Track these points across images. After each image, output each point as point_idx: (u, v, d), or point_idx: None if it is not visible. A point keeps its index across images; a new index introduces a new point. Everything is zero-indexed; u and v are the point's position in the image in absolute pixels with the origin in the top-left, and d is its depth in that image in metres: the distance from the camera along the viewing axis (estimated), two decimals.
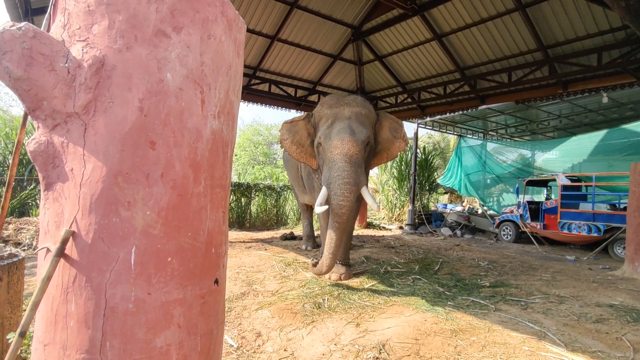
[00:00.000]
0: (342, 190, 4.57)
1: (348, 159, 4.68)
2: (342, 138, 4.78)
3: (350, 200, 4.61)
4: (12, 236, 6.31)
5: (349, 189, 4.57)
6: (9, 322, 2.18)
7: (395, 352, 3.08)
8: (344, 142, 4.75)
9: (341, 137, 4.79)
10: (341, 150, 4.72)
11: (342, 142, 4.75)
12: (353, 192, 4.60)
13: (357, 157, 4.76)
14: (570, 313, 4.20)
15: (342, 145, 4.74)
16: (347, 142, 4.73)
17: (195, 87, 1.26)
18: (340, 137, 4.80)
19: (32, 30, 1.09)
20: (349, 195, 4.57)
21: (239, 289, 4.55)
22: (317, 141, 5.23)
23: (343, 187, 4.57)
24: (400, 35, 9.42)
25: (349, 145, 4.72)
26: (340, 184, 4.59)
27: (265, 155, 28.03)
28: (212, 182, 1.33)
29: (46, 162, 1.18)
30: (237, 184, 11.54)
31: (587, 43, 7.27)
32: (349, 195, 4.58)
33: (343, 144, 4.74)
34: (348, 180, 4.59)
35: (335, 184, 4.63)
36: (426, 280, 5.39)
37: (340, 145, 4.75)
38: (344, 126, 4.91)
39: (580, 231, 8.62)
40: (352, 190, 4.59)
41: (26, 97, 1.12)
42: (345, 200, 4.57)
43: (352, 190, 4.59)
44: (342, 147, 4.73)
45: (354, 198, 4.66)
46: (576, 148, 11.70)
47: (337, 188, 4.60)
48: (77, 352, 1.09)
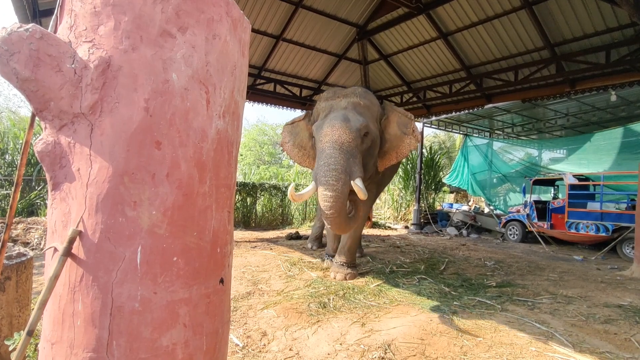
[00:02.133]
0: (327, 177, 4.04)
1: (338, 146, 4.24)
2: (332, 125, 4.39)
3: (337, 190, 4.03)
4: (21, 236, 6.38)
5: (335, 177, 4.05)
6: (17, 320, 2.20)
7: (400, 352, 3.08)
8: (334, 128, 4.35)
9: (332, 125, 4.40)
10: (331, 137, 4.32)
11: (333, 129, 4.36)
12: (341, 180, 4.06)
13: (350, 145, 4.30)
14: (578, 313, 4.16)
15: (332, 132, 4.35)
16: (338, 129, 4.33)
17: (200, 87, 1.26)
18: (331, 124, 4.41)
19: (39, 31, 1.10)
20: (334, 183, 4.03)
21: (245, 289, 4.56)
22: (313, 136, 4.85)
23: (328, 175, 4.05)
24: (406, 34, 9.39)
25: (340, 131, 4.31)
26: (326, 171, 4.09)
27: (270, 155, 28.09)
28: (217, 181, 1.33)
29: (53, 162, 1.19)
30: (243, 183, 11.58)
31: (595, 40, 7.20)
32: (335, 184, 4.03)
33: (333, 130, 4.35)
34: (335, 167, 4.09)
35: (321, 171, 4.14)
36: (432, 280, 5.37)
37: (330, 132, 4.36)
38: (337, 115, 4.54)
39: (588, 231, 8.53)
40: (339, 178, 4.05)
41: (34, 98, 1.13)
42: (331, 190, 4.02)
43: (339, 179, 4.05)
44: (332, 134, 4.33)
45: (342, 188, 4.07)
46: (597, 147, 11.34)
47: (322, 176, 4.11)
48: (84, 350, 1.10)
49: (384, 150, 5.11)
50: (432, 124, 13.75)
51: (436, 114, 11.68)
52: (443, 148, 20.08)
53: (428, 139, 22.26)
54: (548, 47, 7.63)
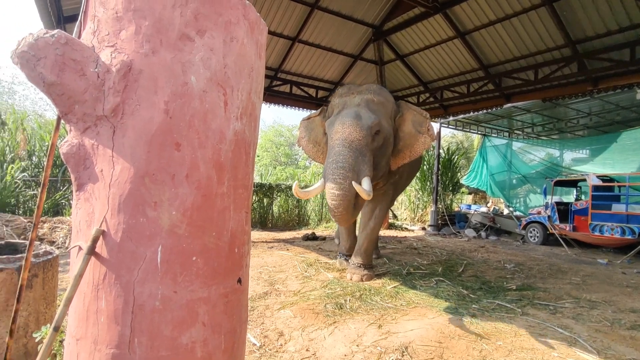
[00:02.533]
0: (335, 175, 4.02)
1: (347, 144, 4.22)
2: (343, 122, 4.38)
3: (345, 189, 4.00)
4: (47, 235, 6.59)
5: (342, 174, 4.02)
6: (44, 316, 2.27)
7: (418, 354, 3.04)
8: (344, 126, 4.34)
9: (343, 122, 4.40)
10: (341, 135, 4.31)
11: (343, 127, 4.35)
12: (348, 178, 4.02)
13: (360, 143, 4.27)
14: (602, 319, 4.04)
15: (342, 129, 4.34)
16: (349, 126, 4.31)
17: (218, 89, 1.28)
18: (342, 121, 4.40)
19: (64, 37, 1.14)
20: (342, 181, 4.00)
21: (262, 289, 4.59)
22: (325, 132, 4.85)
23: (335, 172, 4.04)
24: (422, 34, 9.30)
25: (350, 129, 4.30)
26: (334, 169, 4.07)
27: (286, 156, 28.23)
28: (235, 182, 1.35)
29: (78, 164, 1.23)
30: (260, 184, 11.67)
31: (619, 37, 6.98)
32: (342, 182, 4.00)
33: (344, 128, 4.34)
34: (343, 165, 4.06)
35: (329, 169, 4.13)
36: (450, 282, 5.29)
37: (340, 129, 4.35)
38: (350, 112, 4.53)
39: (613, 233, 8.27)
40: (346, 176, 4.02)
41: (59, 101, 1.17)
42: (338, 188, 3.99)
43: (346, 177, 4.02)
44: (343, 131, 4.33)
45: (349, 186, 4.03)
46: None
47: (329, 174, 4.09)
48: (108, 347, 1.13)
49: (398, 148, 5.06)
50: (450, 124, 13.56)
51: (454, 114, 11.52)
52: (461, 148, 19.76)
53: (445, 140, 22.00)
54: (569, 45, 7.44)
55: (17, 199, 8.43)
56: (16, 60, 1.12)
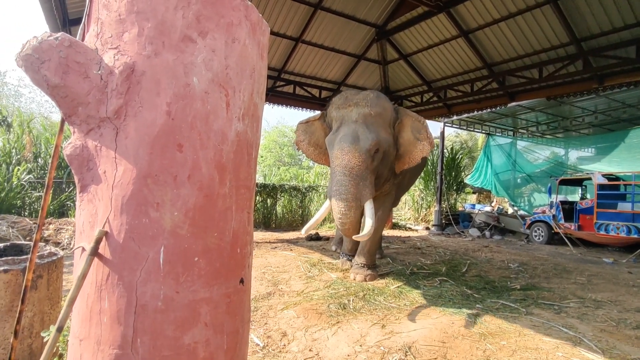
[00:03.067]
0: (340, 207, 4.31)
1: (348, 172, 4.34)
2: (342, 148, 4.42)
3: (351, 217, 4.33)
4: (52, 236, 6.64)
5: (347, 206, 4.30)
6: (49, 317, 2.29)
7: (421, 354, 3.04)
8: (343, 152, 4.39)
9: (341, 147, 4.43)
10: (340, 162, 4.40)
11: (342, 153, 4.40)
12: (352, 208, 4.32)
13: (359, 169, 4.38)
14: (607, 318, 4.01)
15: (341, 156, 4.40)
16: (347, 153, 4.37)
17: (220, 90, 1.29)
18: (341, 147, 4.44)
19: (68, 39, 1.15)
20: (347, 212, 4.30)
21: (265, 289, 4.60)
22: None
23: (341, 205, 4.31)
24: (425, 33, 9.27)
25: (349, 156, 4.37)
26: (339, 201, 4.32)
27: (290, 157, 28.22)
28: (237, 183, 1.36)
29: (81, 165, 1.24)
30: (263, 185, 11.68)
31: (625, 34, 6.92)
32: (348, 213, 4.31)
33: (343, 154, 4.39)
34: (346, 197, 4.30)
35: (334, 200, 4.38)
36: (453, 282, 5.28)
37: (340, 155, 4.41)
38: (347, 132, 4.53)
39: (618, 232, 8.20)
40: (350, 207, 4.31)
41: (63, 103, 1.18)
42: (345, 218, 4.32)
43: (350, 207, 4.31)
44: (342, 158, 4.39)
45: (354, 215, 4.36)
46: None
47: (335, 205, 4.37)
48: (111, 347, 1.14)
49: (399, 153, 5.10)
50: (454, 123, 13.50)
51: (457, 113, 11.46)
52: (465, 148, 19.71)
53: (449, 139, 21.90)
54: (574, 43, 7.38)
55: (23, 201, 8.50)
56: (20, 63, 1.13)
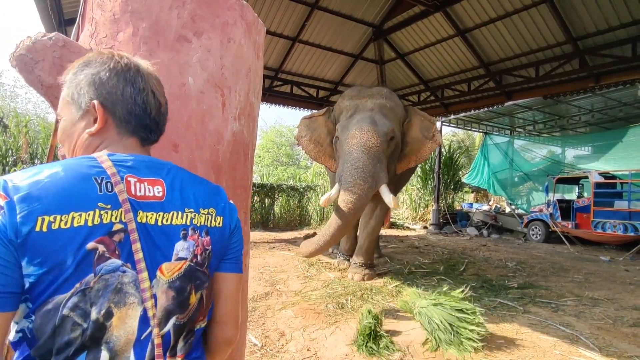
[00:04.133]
0: (354, 177, 4.03)
1: (366, 150, 4.20)
2: (360, 127, 4.34)
3: (363, 190, 4.01)
4: None
5: (362, 178, 4.03)
6: None
7: (418, 354, 3.04)
8: (362, 131, 4.30)
9: (360, 127, 4.35)
10: (359, 140, 4.27)
11: (361, 132, 4.30)
12: (368, 182, 4.06)
13: (377, 149, 4.27)
14: (604, 316, 4.03)
15: (360, 135, 4.29)
16: (367, 132, 4.28)
17: (216, 90, 1.29)
18: (359, 126, 4.36)
19: (62, 39, 1.14)
20: (362, 183, 4.01)
21: (263, 289, 4.60)
22: (335, 136, 4.79)
23: (355, 174, 4.04)
24: (422, 33, 9.29)
25: (368, 135, 4.27)
26: (353, 171, 4.07)
27: (288, 157, 28.23)
28: (233, 183, 1.35)
29: None
30: (261, 185, 11.67)
31: (621, 33, 6.95)
32: (362, 184, 4.01)
33: (362, 133, 4.29)
34: (363, 170, 4.07)
35: (347, 173, 4.11)
36: (451, 281, 5.29)
37: (358, 134, 4.31)
38: (365, 116, 4.48)
39: (615, 230, 8.24)
40: (366, 179, 4.04)
41: (57, 104, 1.17)
42: (356, 188, 3.98)
43: (366, 180, 4.04)
44: (360, 136, 4.28)
45: (368, 190, 4.07)
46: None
47: (348, 176, 4.08)
48: None
49: (404, 153, 5.06)
50: (451, 122, 13.54)
51: (454, 112, 11.50)
52: (462, 147, 19.72)
53: (446, 138, 21.95)
54: (570, 42, 7.41)
55: None
56: (14, 63, 1.13)
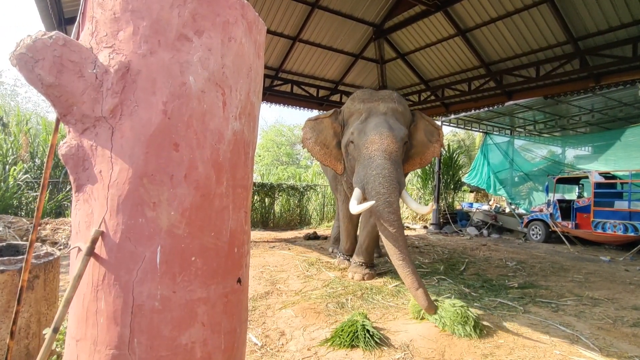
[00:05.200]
0: (386, 188, 4.01)
1: (388, 156, 4.20)
2: (380, 133, 4.33)
3: (396, 197, 4.04)
4: (49, 236, 6.61)
5: (394, 186, 4.05)
6: (45, 317, 2.28)
7: (420, 353, 3.04)
8: (382, 137, 4.29)
9: (380, 132, 4.34)
10: (380, 146, 4.26)
11: (381, 137, 4.29)
12: (397, 189, 4.09)
13: (397, 155, 4.31)
14: (605, 316, 4.03)
15: (380, 140, 4.28)
16: (387, 137, 4.28)
17: (216, 89, 1.28)
18: (379, 131, 4.35)
19: (62, 38, 1.14)
20: (395, 191, 4.04)
21: (263, 288, 4.60)
22: (347, 139, 4.77)
23: (386, 185, 4.03)
24: (423, 32, 9.27)
25: (389, 140, 4.27)
26: (382, 182, 4.05)
27: (288, 156, 28.21)
28: (234, 182, 1.35)
29: (77, 165, 1.23)
30: (261, 184, 11.67)
31: (621, 33, 6.94)
32: (395, 192, 4.04)
33: (382, 139, 4.28)
34: (390, 178, 4.07)
35: (376, 182, 4.08)
36: (451, 280, 5.29)
37: (378, 140, 4.29)
38: (381, 121, 4.48)
39: (615, 230, 8.23)
40: (396, 187, 4.07)
41: (57, 102, 1.17)
42: (393, 196, 4.00)
43: (396, 187, 4.07)
44: (381, 142, 4.27)
45: (398, 197, 4.11)
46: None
47: (379, 186, 4.05)
48: (107, 347, 1.13)
49: (409, 155, 5.06)
50: (451, 122, 13.53)
51: (455, 112, 11.48)
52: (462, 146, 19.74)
53: (447, 138, 21.94)
54: (571, 42, 7.40)
55: (20, 201, 8.46)
56: (14, 62, 1.12)
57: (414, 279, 3.51)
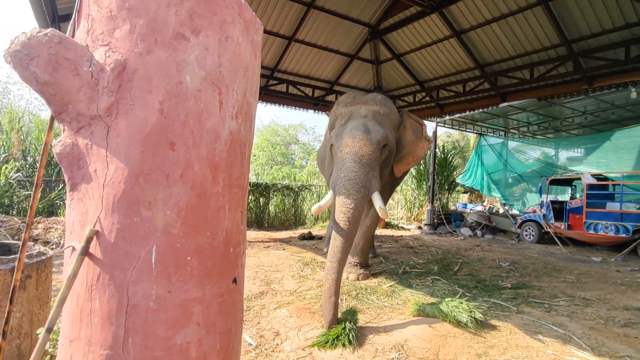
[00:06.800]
0: (348, 188, 4.01)
1: (358, 159, 4.21)
2: (353, 136, 4.35)
3: (357, 200, 3.99)
4: (42, 235, 6.54)
5: (356, 189, 4.02)
6: (37, 317, 2.26)
7: (414, 353, 3.05)
8: (355, 140, 4.31)
9: (352, 135, 4.36)
10: (351, 149, 4.28)
11: (354, 140, 4.31)
12: (361, 193, 4.04)
13: (369, 157, 4.29)
14: (596, 316, 4.07)
15: (352, 143, 4.30)
16: (359, 141, 4.30)
17: (213, 88, 1.28)
18: (352, 134, 4.37)
19: (58, 36, 1.13)
20: (355, 194, 3.99)
21: (258, 288, 4.59)
22: (330, 143, 4.79)
23: (348, 185, 4.03)
24: (418, 33, 9.31)
25: (361, 143, 4.28)
26: (346, 182, 4.06)
27: (283, 156, 28.18)
28: (230, 182, 1.35)
29: (71, 164, 1.22)
30: (256, 184, 11.64)
31: (614, 36, 7.02)
32: (356, 195, 3.99)
33: (354, 142, 4.30)
34: (356, 180, 4.06)
35: (341, 184, 4.09)
36: (445, 281, 5.31)
37: (351, 143, 4.31)
38: (358, 124, 4.49)
39: (607, 232, 8.33)
40: (359, 190, 4.03)
41: (52, 100, 1.16)
42: (351, 199, 3.96)
43: (359, 191, 4.03)
44: (353, 145, 4.29)
45: (362, 200, 4.06)
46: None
47: (341, 187, 4.06)
48: (101, 347, 1.12)
49: (401, 155, 5.11)
50: (446, 123, 13.59)
51: (450, 113, 11.54)
52: (457, 147, 19.84)
53: (441, 139, 22.01)
54: (565, 44, 7.47)
55: (12, 200, 8.37)
56: (9, 59, 1.11)
57: (332, 286, 3.53)
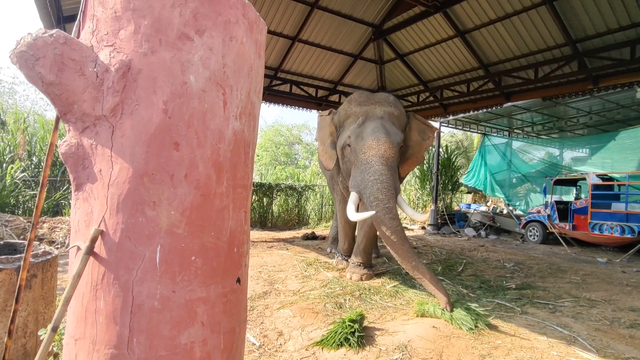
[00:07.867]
0: (385, 194, 4.09)
1: (385, 162, 4.26)
2: (377, 138, 4.37)
3: (392, 203, 4.11)
4: (47, 235, 6.59)
5: (392, 193, 4.13)
6: (43, 316, 2.27)
7: (417, 353, 3.04)
8: (380, 142, 4.34)
9: (377, 137, 4.38)
10: (377, 152, 4.30)
11: (378, 143, 4.34)
12: (394, 196, 4.16)
13: (393, 160, 4.37)
14: (602, 317, 4.04)
15: (377, 145, 4.33)
16: (384, 143, 4.33)
17: (217, 88, 1.28)
18: (376, 137, 4.39)
19: (63, 36, 1.13)
20: (392, 197, 4.12)
21: (261, 288, 4.59)
22: (344, 142, 4.80)
23: (384, 191, 4.10)
24: (422, 33, 9.28)
25: (386, 146, 4.32)
26: (381, 188, 4.12)
27: (286, 156, 28.21)
28: (234, 182, 1.35)
29: (76, 164, 1.22)
30: (259, 184, 11.66)
31: (620, 36, 6.97)
32: (392, 198, 4.11)
33: (379, 144, 4.33)
34: (388, 184, 4.14)
35: (374, 188, 4.14)
36: (449, 281, 5.30)
37: (376, 145, 4.34)
38: (378, 125, 4.51)
39: (612, 232, 8.26)
40: (393, 193, 4.14)
41: (58, 101, 1.17)
42: (391, 202, 4.07)
43: (393, 194, 4.14)
44: (378, 147, 4.31)
45: (394, 204, 4.17)
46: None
47: (377, 192, 4.11)
48: (106, 347, 1.13)
49: (406, 156, 5.11)
50: (450, 123, 13.54)
51: (453, 113, 11.49)
52: (460, 147, 19.77)
53: (445, 139, 21.95)
54: (569, 44, 7.42)
55: (17, 199, 8.44)
56: (15, 60, 1.12)
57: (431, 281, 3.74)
